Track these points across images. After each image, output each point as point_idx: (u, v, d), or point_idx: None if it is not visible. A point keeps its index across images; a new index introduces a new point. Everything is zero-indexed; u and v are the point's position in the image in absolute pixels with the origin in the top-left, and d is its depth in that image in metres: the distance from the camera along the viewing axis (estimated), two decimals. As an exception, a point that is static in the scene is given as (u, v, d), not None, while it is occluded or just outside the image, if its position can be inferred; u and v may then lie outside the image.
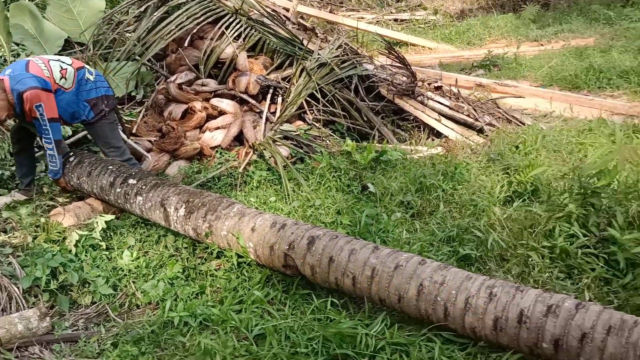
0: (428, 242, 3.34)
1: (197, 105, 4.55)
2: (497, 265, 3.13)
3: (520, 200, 3.70)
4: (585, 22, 9.85)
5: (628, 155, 2.72)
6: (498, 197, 3.82)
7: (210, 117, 4.61)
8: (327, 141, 4.64)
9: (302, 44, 4.84)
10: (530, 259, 2.99)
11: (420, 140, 5.11)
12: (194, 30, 4.90)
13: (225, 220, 3.14)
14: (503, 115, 5.38)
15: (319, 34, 5.07)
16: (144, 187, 3.54)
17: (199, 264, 3.34)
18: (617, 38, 8.51)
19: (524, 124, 5.08)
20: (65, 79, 3.73)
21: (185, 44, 4.90)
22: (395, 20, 11.10)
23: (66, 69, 3.75)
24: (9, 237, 3.52)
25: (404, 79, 5.11)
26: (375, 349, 2.51)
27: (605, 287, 2.82)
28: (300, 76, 4.68)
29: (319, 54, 4.75)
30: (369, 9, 11.17)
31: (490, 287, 2.44)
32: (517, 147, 4.51)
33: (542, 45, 8.87)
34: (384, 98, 5.03)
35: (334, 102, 4.80)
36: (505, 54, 8.22)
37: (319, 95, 4.74)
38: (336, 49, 4.82)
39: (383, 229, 3.43)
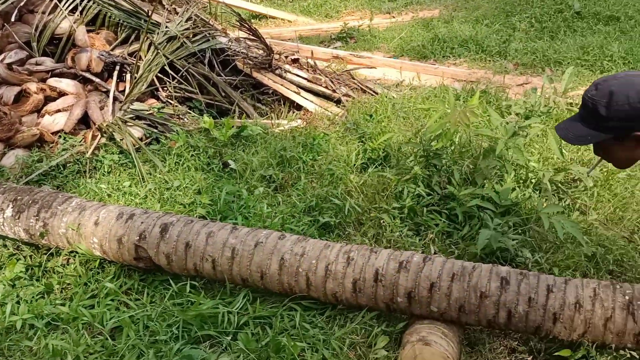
0: (290, 214, 3.38)
1: (32, 86, 4.11)
2: (355, 230, 3.27)
3: (374, 166, 3.88)
4: (432, -6, 10.49)
5: (459, 118, 2.94)
6: (354, 165, 3.96)
7: (48, 100, 4.20)
8: (185, 119, 4.47)
9: (148, 16, 4.56)
10: (382, 221, 3.15)
11: (281, 113, 5.13)
12: (22, 3, 4.39)
13: (63, 217, 2.88)
14: (358, 85, 5.57)
15: (165, 5, 4.80)
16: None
17: (45, 261, 3.06)
18: (458, 9, 9.17)
19: (377, 93, 5.30)
20: None
21: (13, 19, 4.38)
22: (254, -8, 10.93)
23: None
24: None
25: (260, 52, 5.06)
26: (238, 326, 2.50)
27: (448, 239, 3.07)
28: (148, 51, 4.42)
29: (167, 27, 4.51)
30: (225, -20, 10.87)
31: (347, 252, 2.54)
32: (370, 116, 4.70)
33: (393, 17, 9.29)
34: (241, 72, 4.94)
35: (189, 77, 4.62)
36: (360, 26, 8.50)
37: (170, 72, 4.52)
38: (186, 21, 4.61)
39: (244, 204, 3.40)
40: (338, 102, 5.36)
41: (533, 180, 3.32)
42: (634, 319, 2.09)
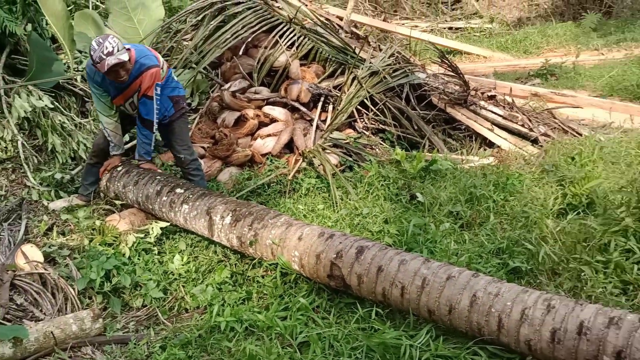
0: (477, 253, 3.28)
1: (250, 112, 4.66)
2: (548, 279, 3.05)
3: (575, 213, 3.59)
4: (651, 30, 9.47)
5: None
6: (551, 210, 3.71)
7: (262, 125, 4.72)
8: (377, 150, 4.66)
9: (355, 52, 4.88)
10: (583, 274, 2.89)
11: (472, 150, 5.04)
12: (249, 39, 5.02)
13: (272, 229, 3.19)
14: (559, 125, 5.23)
15: (371, 43, 5.09)
16: (190, 195, 3.63)
17: (246, 269, 3.41)
18: (684, 47, 8.13)
19: (580, 134, 4.92)
20: (163, 70, 3.81)
21: (240, 53, 5.03)
22: (450, 28, 11.02)
23: (163, 63, 3.84)
24: (66, 239, 3.69)
25: (457, 87, 5.06)
26: (419, 360, 2.49)
27: (664, 303, 2.69)
28: (351, 84, 4.72)
29: (370, 63, 4.78)
30: (423, 17, 11.14)
31: (547, 300, 2.38)
32: (572, 159, 4.38)
33: (602, 54, 8.59)
34: (435, 107, 5.00)
35: (385, 110, 4.81)
36: (564, 63, 8.01)
37: (369, 104, 4.76)
38: (388, 58, 4.83)
39: (431, 239, 3.40)
40: (535, 141, 5.10)
41: None
42: None
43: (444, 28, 10.78)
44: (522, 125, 5.23)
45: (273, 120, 4.70)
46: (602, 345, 2.16)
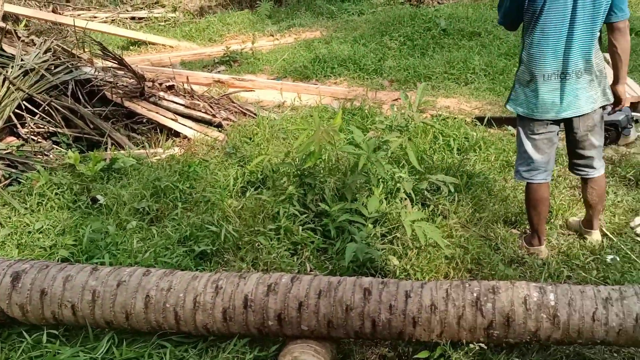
0: (163, 246, 3.27)
1: None
2: (234, 256, 3.22)
3: (253, 189, 3.88)
4: (313, 16, 10.80)
5: (322, 137, 3.03)
6: (234, 190, 3.94)
7: None
8: (50, 155, 4.22)
9: (2, 49, 4.28)
10: (257, 244, 3.15)
11: (158, 142, 5.00)
12: None
13: None
14: (238, 109, 5.57)
15: (21, 37, 4.52)
16: None
17: None
18: (338, 30, 9.51)
19: (256, 115, 5.33)
20: None
21: None
22: (133, 18, 10.68)
23: None
24: None
25: (131, 80, 4.91)
26: (103, 371, 2.37)
27: (323, 256, 3.13)
28: (2, 86, 4.13)
29: (22, 60, 4.25)
30: (101, 7, 10.49)
31: (215, 281, 2.49)
32: (250, 139, 4.72)
33: (277, 39, 9.44)
34: (111, 102, 4.76)
35: (52, 111, 4.38)
36: (243, 49, 8.55)
37: (30, 106, 4.25)
38: (44, 53, 4.37)
39: (112, 241, 3.25)
40: (219, 126, 5.33)
41: (400, 191, 3.48)
42: (482, 314, 2.24)
43: (126, 18, 10.38)
44: (205, 112, 5.40)
45: None
46: (265, 313, 2.37)
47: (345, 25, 9.77)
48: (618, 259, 3.01)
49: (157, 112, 5.07)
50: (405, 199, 3.14)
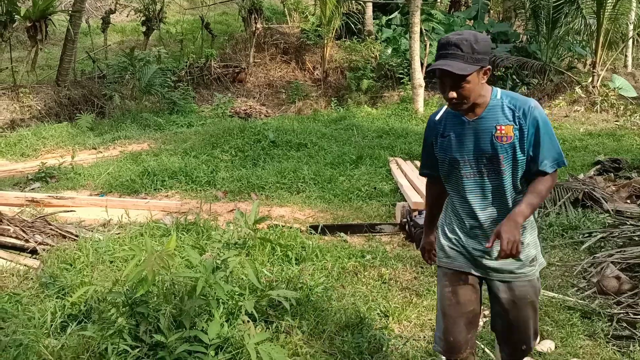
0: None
1: None
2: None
3: (76, 323, 3.44)
4: (139, 128, 10.64)
5: (155, 262, 2.85)
6: (52, 326, 3.45)
7: None
8: None
9: None
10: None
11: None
12: None
13: None
14: (57, 231, 5.06)
15: None
16: None
17: None
18: (167, 142, 9.45)
19: (77, 237, 4.88)
20: None
21: None
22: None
23: None
24: None
25: None
26: None
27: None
28: None
29: None
30: None
31: None
32: (71, 265, 4.26)
33: (100, 152, 9.04)
34: None
35: None
36: (62, 164, 7.98)
37: None
38: None
39: None
40: (34, 252, 4.75)
41: (242, 310, 3.36)
42: None
43: None
44: (17, 237, 4.80)
45: None
46: None
47: (174, 137, 9.75)
48: None
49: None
50: (248, 320, 3.04)
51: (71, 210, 5.79)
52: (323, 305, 3.69)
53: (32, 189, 7.16)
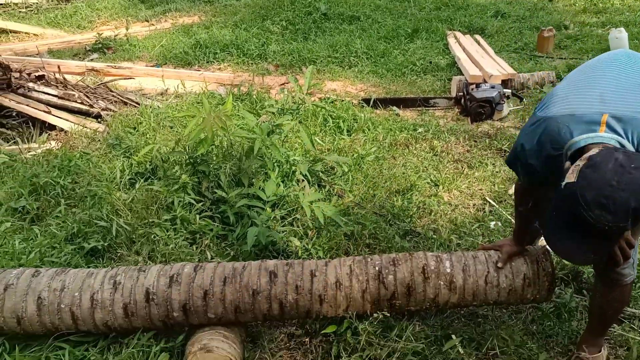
0: (49, 245, 3.03)
1: None
2: (128, 250, 3.07)
3: (143, 180, 3.71)
4: (189, 0, 10.44)
5: (214, 122, 2.97)
6: (121, 182, 3.73)
7: None
8: None
9: None
10: (153, 236, 3.03)
11: (32, 137, 4.59)
12: None
13: None
14: (118, 98, 5.27)
15: None
16: None
17: None
18: (217, 14, 9.30)
19: (139, 104, 5.08)
20: None
21: None
22: (-13, 4, 9.60)
23: None
24: None
25: (-6, 71, 4.44)
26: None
27: (223, 243, 3.09)
28: None
29: None
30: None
31: (113, 277, 2.38)
32: (134, 129, 4.49)
33: (152, 24, 9.02)
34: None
35: None
36: (117, 35, 8.07)
37: None
38: None
39: (-13, 246, 2.95)
40: (98, 117, 5.01)
41: (296, 173, 3.52)
42: (385, 286, 2.35)
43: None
44: (82, 103, 5.04)
45: None
46: (169, 304, 2.31)
47: (224, 10, 9.57)
48: (500, 224, 3.31)
49: (27, 105, 4.65)
50: (303, 180, 3.19)
51: (130, 78, 5.95)
52: (374, 173, 3.80)
53: (91, 60, 7.34)
